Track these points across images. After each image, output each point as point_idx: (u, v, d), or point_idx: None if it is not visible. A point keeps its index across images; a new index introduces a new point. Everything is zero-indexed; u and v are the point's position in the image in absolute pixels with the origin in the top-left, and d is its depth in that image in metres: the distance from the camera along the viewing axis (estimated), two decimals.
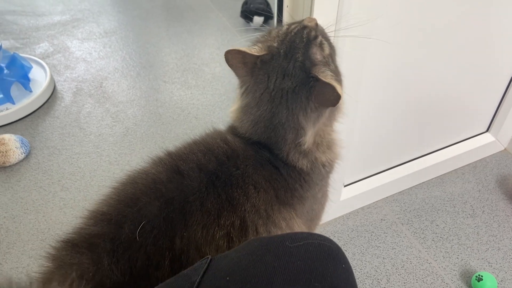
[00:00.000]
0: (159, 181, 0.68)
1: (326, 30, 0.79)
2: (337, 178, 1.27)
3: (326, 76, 0.68)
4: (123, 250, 0.62)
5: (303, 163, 0.77)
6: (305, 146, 0.75)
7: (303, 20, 0.76)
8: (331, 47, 0.75)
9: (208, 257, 0.55)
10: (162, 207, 0.65)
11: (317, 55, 0.71)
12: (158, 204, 0.65)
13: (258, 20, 2.37)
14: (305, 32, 0.72)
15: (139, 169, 0.72)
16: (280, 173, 0.77)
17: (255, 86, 0.73)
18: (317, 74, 0.68)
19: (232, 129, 0.82)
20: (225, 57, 0.72)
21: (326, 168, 0.82)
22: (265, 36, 0.75)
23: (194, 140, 0.78)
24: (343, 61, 0.93)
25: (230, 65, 0.74)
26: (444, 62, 1.21)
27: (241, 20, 2.49)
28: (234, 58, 0.73)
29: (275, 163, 0.77)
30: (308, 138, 0.75)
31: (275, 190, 0.75)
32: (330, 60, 0.73)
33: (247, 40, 0.78)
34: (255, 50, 0.72)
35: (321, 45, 0.72)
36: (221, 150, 0.74)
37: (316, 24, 0.75)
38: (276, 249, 0.52)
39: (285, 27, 0.75)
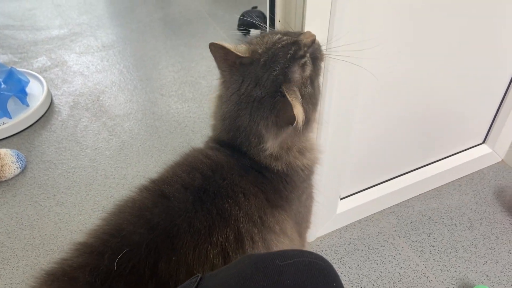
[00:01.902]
0: (145, 208, 0.67)
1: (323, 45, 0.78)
2: (333, 191, 1.28)
3: (291, 95, 0.68)
4: (101, 282, 0.60)
5: (277, 165, 0.77)
6: (267, 152, 0.75)
7: (301, 33, 0.75)
8: (315, 70, 0.75)
9: (198, 276, 0.54)
10: (145, 234, 0.64)
11: (295, 74, 0.71)
12: (142, 231, 0.64)
13: (255, 33, 2.38)
14: (292, 48, 0.72)
15: (126, 197, 0.72)
16: (264, 176, 0.77)
17: (229, 84, 0.75)
18: (284, 91, 0.69)
19: (209, 142, 0.83)
20: (209, 48, 0.73)
21: (305, 172, 0.82)
22: (258, 39, 0.75)
23: (175, 162, 0.78)
24: (336, 75, 0.93)
25: (214, 56, 0.75)
26: (439, 74, 1.21)
27: (238, 33, 2.50)
28: (217, 51, 0.74)
29: (257, 167, 0.77)
30: (270, 146, 0.75)
31: (264, 193, 0.75)
32: (308, 82, 0.73)
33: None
34: (239, 50, 0.72)
35: (303, 66, 0.72)
36: (205, 165, 0.75)
37: (313, 41, 0.75)
38: (266, 267, 0.51)
39: (277, 36, 0.74)
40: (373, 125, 1.22)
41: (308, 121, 0.75)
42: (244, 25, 2.42)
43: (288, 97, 0.68)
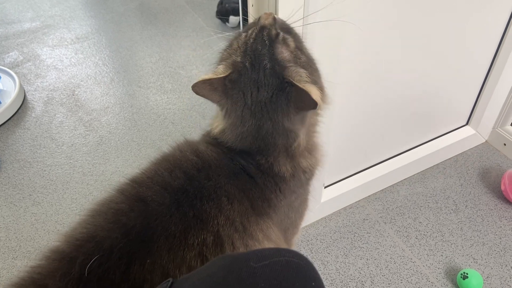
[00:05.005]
0: (121, 212, 0.64)
1: (288, 20, 0.75)
2: (317, 179, 1.25)
3: (300, 80, 0.65)
4: None
5: (287, 169, 0.74)
6: (301, 146, 0.74)
7: (259, 18, 0.72)
8: (296, 38, 0.72)
9: (169, 280, 0.52)
10: (119, 238, 0.61)
11: (284, 53, 0.68)
12: (116, 236, 0.61)
13: (234, 20, 2.33)
14: (264, 33, 0.69)
15: (102, 200, 0.69)
16: (255, 182, 0.74)
17: (233, 106, 0.71)
18: (291, 79, 0.65)
19: (207, 137, 0.79)
20: (194, 91, 0.69)
21: (306, 175, 0.80)
22: (228, 50, 0.72)
23: (162, 156, 0.75)
24: (317, 59, 0.90)
25: (202, 96, 0.70)
26: (420, 56, 1.19)
27: (217, 21, 2.44)
28: (202, 89, 0.69)
29: (250, 171, 0.74)
30: (302, 139, 0.73)
31: (250, 200, 0.72)
32: (299, 52, 0.70)
33: (224, 40, 0.76)
34: (220, 72, 0.69)
35: (284, 41, 0.69)
36: (190, 163, 0.71)
37: (274, 19, 0.71)
38: (239, 270, 0.48)
39: (243, 35, 0.71)
40: (355, 111, 1.19)
41: (322, 88, 0.72)
42: (223, 11, 2.37)
43: (299, 84, 0.64)
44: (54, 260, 0.61)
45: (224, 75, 0.68)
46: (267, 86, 0.67)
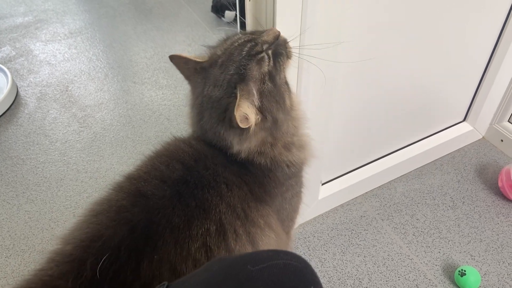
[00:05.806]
0: (124, 209, 0.64)
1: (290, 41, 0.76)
2: (314, 176, 1.24)
3: (242, 95, 0.67)
4: None
5: (260, 160, 0.75)
6: (242, 155, 0.73)
7: (264, 31, 0.73)
8: (276, 65, 0.72)
9: (164, 284, 0.51)
10: (125, 235, 0.61)
11: (252, 71, 0.69)
12: (122, 233, 0.61)
13: (229, 14, 2.31)
14: (248, 45, 0.71)
15: (100, 200, 0.68)
16: (248, 169, 0.75)
17: (194, 88, 0.75)
18: (238, 92, 0.67)
19: (194, 135, 0.80)
20: (170, 60, 0.75)
21: (292, 169, 0.80)
22: (221, 41, 0.75)
23: (155, 152, 0.76)
24: (315, 57, 0.88)
25: (176, 66, 0.77)
26: (418, 54, 1.18)
27: (212, 15, 2.42)
28: (177, 62, 0.76)
29: (242, 160, 0.75)
30: (242, 149, 0.72)
31: (248, 185, 0.74)
32: (267, 78, 0.70)
33: (219, 35, 0.78)
34: (199, 57, 0.73)
35: (259, 62, 0.70)
36: (187, 154, 0.73)
37: (276, 38, 0.72)
38: (237, 274, 0.47)
39: (236, 36, 0.74)
40: (352, 108, 1.18)
41: (275, 120, 0.72)
42: (218, 6, 2.34)
43: (237, 99, 0.66)
44: (62, 263, 0.60)
45: (199, 60, 0.73)
46: (221, 88, 0.70)
